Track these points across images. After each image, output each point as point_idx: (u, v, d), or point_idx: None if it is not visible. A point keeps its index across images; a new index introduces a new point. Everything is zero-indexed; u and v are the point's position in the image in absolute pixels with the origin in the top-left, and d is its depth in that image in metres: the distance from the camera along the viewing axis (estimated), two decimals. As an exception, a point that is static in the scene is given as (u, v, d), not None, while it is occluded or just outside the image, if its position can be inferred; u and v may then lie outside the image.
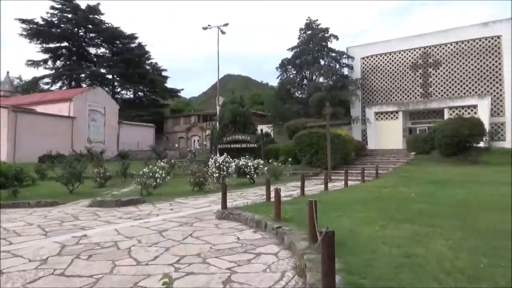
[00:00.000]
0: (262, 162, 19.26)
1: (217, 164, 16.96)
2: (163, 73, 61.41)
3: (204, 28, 27.98)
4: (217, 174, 16.88)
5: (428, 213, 8.59)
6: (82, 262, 5.73)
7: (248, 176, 18.51)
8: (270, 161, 20.84)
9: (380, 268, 4.55)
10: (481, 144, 24.31)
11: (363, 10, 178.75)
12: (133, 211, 10.93)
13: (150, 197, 13.77)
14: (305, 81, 45.49)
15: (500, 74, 36.34)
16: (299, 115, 39.11)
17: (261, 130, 30.53)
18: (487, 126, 24.86)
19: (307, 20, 44.76)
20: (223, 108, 26.94)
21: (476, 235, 6.33)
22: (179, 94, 64.35)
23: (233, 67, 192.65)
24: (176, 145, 42.46)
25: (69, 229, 8.31)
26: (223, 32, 28.48)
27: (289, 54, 44.63)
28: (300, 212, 8.55)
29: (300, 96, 45.99)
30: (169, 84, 61.46)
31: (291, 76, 45.64)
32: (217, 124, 27.54)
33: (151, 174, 14.03)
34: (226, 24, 28.01)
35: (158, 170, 14.27)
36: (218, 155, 26.70)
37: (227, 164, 17.25)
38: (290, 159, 22.88)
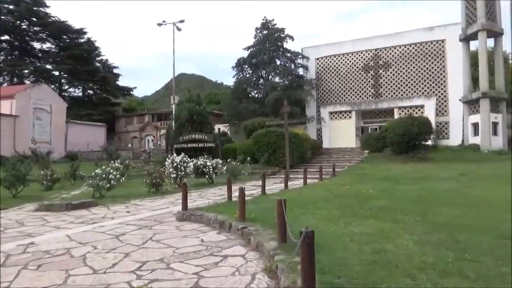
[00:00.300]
0: (220, 161, 18.94)
1: (174, 164, 16.42)
2: (115, 71, 59.09)
3: (159, 25, 27.08)
4: (174, 175, 16.35)
5: (389, 209, 8.77)
6: (31, 273, 5.18)
7: (206, 176, 18.13)
8: (228, 160, 20.56)
9: (353, 266, 4.47)
10: (429, 142, 25.52)
11: (317, 12, 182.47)
12: (85, 214, 10.25)
13: (103, 199, 13.04)
14: (261, 81, 45.64)
15: (444, 76, 38.40)
16: (256, 114, 39.16)
17: (219, 129, 30.15)
18: (433, 125, 26.12)
19: (263, 19, 44.86)
20: (179, 107, 26.26)
21: (438, 230, 6.49)
22: (131, 92, 62.26)
23: (188, 66, 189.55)
24: (129, 145, 40.97)
25: (13, 237, 7.58)
26: (178, 29, 27.76)
27: (245, 53, 44.57)
28: (265, 211, 8.40)
29: (256, 95, 46.09)
30: (121, 82, 59.27)
31: (247, 75, 45.57)
32: (173, 123, 26.79)
33: (104, 176, 13.27)
34: (182, 21, 27.29)
35: (111, 171, 13.53)
36: (174, 154, 26.07)
37: (185, 164, 16.76)
38: (248, 158, 22.73)
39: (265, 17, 45.02)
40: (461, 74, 33.70)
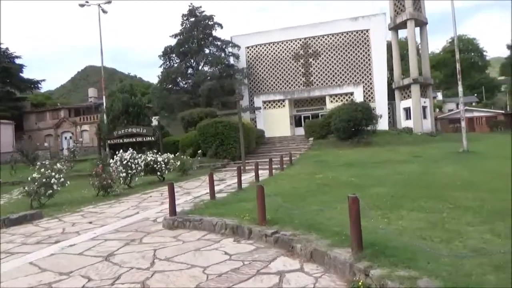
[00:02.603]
0: (172, 156, 17.11)
1: (124, 162, 14.27)
2: (17, 61, 51.84)
3: (82, 5, 23.68)
4: (124, 174, 14.23)
5: (404, 197, 8.14)
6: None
7: (158, 173, 16.21)
8: (177, 154, 18.74)
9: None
10: (369, 127, 26.23)
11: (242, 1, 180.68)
12: (36, 231, 8.07)
13: (46, 209, 10.67)
14: (190, 70, 43.45)
15: (369, 64, 40.03)
16: (188, 105, 37.15)
17: (158, 121, 27.76)
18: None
19: (190, 6, 42.54)
20: (111, 98, 23.43)
21: (492, 216, 5.96)
22: (39, 85, 55.31)
23: (95, 58, 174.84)
24: (45, 144, 36.20)
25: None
26: (104, 11, 24.63)
27: (165, 43, 41.95)
28: (277, 211, 7.22)
29: (185, 85, 43.79)
30: (25, 75, 52.19)
31: (175, 65, 43.01)
32: (105, 117, 23.87)
33: (45, 180, 10.85)
34: (109, 2, 24.13)
35: (53, 174, 11.14)
36: (108, 151, 23.35)
37: (136, 161, 14.70)
38: (199, 151, 21.06)
39: (191, 3, 42.68)
40: (384, 62, 35.36)
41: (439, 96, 64.16)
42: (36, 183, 10.80)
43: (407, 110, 30.42)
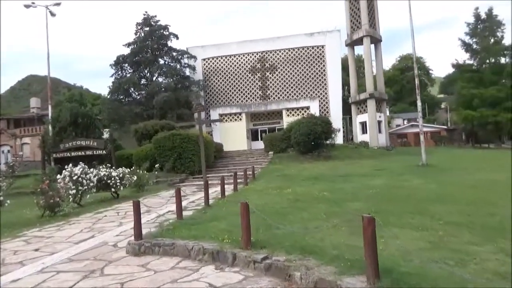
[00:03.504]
0: (127, 171, 15.81)
1: (74, 177, 12.84)
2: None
3: (27, 7, 21.69)
4: (74, 191, 12.79)
5: (393, 213, 7.75)
6: None
7: (113, 189, 14.86)
8: (132, 168, 17.42)
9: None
10: (328, 141, 26.32)
11: (202, 11, 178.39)
12: (-32, 262, 6.69)
13: (-21, 233, 9.14)
14: (143, 81, 41.81)
15: (325, 79, 40.77)
16: (142, 117, 35.56)
17: (111, 133, 25.99)
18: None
19: (144, 15, 41.19)
20: (58, 108, 21.55)
21: (493, 233, 5.64)
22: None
23: (37, 67, 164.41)
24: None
25: None
26: (52, 14, 22.77)
27: (115, 53, 40.17)
28: (259, 231, 6.48)
29: (138, 97, 42.00)
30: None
31: (128, 75, 41.19)
32: (50, 128, 21.89)
33: (-22, 199, 9.33)
34: (58, 4, 22.33)
35: (-10, 192, 9.64)
36: (53, 165, 21.38)
37: (87, 176, 13.32)
38: (157, 165, 19.80)
39: (146, 12, 41.37)
40: (339, 78, 36.20)
41: (387, 111, 67.12)
42: (-32, 203, 9.24)
43: (363, 124, 31.09)
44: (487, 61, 38.10)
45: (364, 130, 31.00)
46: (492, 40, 37.55)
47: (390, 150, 27.72)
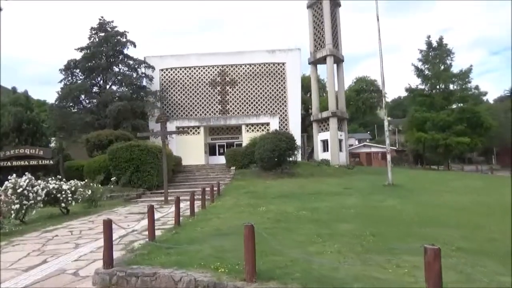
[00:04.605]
0: (80, 184, 14.19)
1: (19, 190, 11.13)
2: None
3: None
4: (18, 205, 11.06)
5: (389, 236, 7.17)
6: None
7: (63, 205, 13.19)
8: (85, 181, 15.74)
9: None
10: (291, 158, 25.89)
11: (162, 21, 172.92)
12: None
13: None
14: (95, 89, 39.43)
15: (285, 96, 40.80)
16: (92, 127, 33.29)
17: (61, 142, 23.71)
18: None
19: (100, 19, 39.18)
20: (1, 111, 19.26)
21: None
22: None
23: None
24: None
25: None
26: (-2, 9, 20.57)
27: (63, 58, 37.75)
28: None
29: (88, 105, 39.46)
30: None
31: (79, 81, 38.64)
32: (-11, 134, 19.50)
33: None
34: (6, -2, 20.15)
35: None
36: (13, 175, 18.96)
37: (34, 188, 11.64)
38: (113, 178, 18.12)
39: (102, 17, 39.38)
40: (298, 95, 36.45)
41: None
42: None
43: (325, 142, 31.17)
44: (437, 86, 40.14)
45: (325, 148, 31.06)
46: (442, 67, 39.69)
47: (351, 169, 27.84)
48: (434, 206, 11.80)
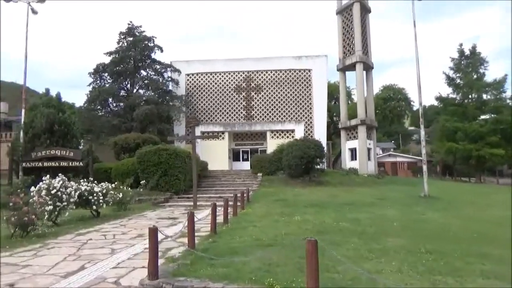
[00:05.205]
0: (111, 186, 14.07)
1: (53, 191, 11.04)
2: None
3: (7, 1, 19.77)
4: (51, 207, 10.95)
5: (437, 252, 6.59)
6: None
7: (94, 207, 13.05)
8: (115, 184, 15.63)
9: None
10: (319, 166, 25.32)
11: (189, 26, 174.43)
12: None
13: None
14: (122, 92, 39.91)
15: (311, 103, 40.25)
16: (119, 130, 33.63)
17: (90, 144, 23.89)
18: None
19: (129, 24, 39.80)
20: (33, 113, 19.48)
21: None
22: None
23: (4, 73, 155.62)
24: None
25: None
26: (34, 12, 20.93)
27: (91, 62, 38.36)
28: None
29: (115, 108, 39.97)
30: None
31: (107, 85, 39.22)
32: (21, 134, 19.75)
33: None
34: (42, 0, 20.44)
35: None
36: (21, 175, 19.20)
37: (67, 190, 11.53)
38: (142, 182, 18.02)
39: (131, 21, 39.99)
40: (324, 102, 35.89)
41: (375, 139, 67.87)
42: None
43: (353, 151, 30.42)
44: (470, 96, 38.83)
45: (353, 157, 30.30)
46: (475, 76, 38.39)
47: (381, 179, 27.02)
48: (483, 221, 11.07)
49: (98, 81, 39.08)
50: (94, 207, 13.04)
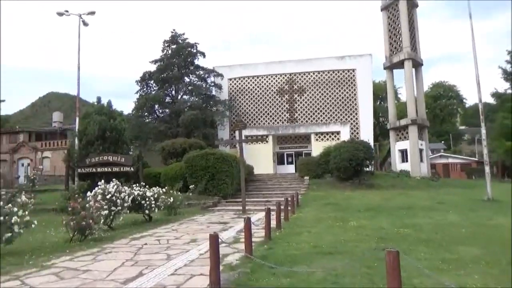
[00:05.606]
0: (162, 191, 14.20)
1: (108, 196, 11.26)
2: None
3: (60, 14, 20.86)
4: (106, 211, 11.15)
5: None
6: None
7: (147, 211, 13.22)
8: (166, 188, 15.79)
9: None
10: (368, 168, 24.45)
11: (230, 31, 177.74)
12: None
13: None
14: (167, 99, 40.90)
15: (356, 104, 39.15)
16: (166, 135, 34.44)
17: (140, 150, 24.60)
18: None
19: (172, 32, 40.75)
20: (86, 121, 20.28)
21: None
22: (-3, 106, 50.45)
23: (59, 85, 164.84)
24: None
25: None
26: (85, 24, 21.93)
27: (135, 72, 39.52)
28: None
29: (161, 114, 41.02)
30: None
31: (153, 92, 40.35)
32: (76, 142, 20.60)
33: (1, 218, 7.76)
34: (92, 12, 21.41)
35: (16, 210, 8.06)
36: (77, 181, 19.97)
37: (121, 195, 11.72)
38: (192, 186, 18.18)
39: (174, 29, 40.94)
40: (370, 102, 34.71)
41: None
42: (-12, 224, 7.67)
43: (403, 152, 29.12)
44: (530, 91, 36.17)
45: (404, 159, 28.98)
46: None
47: (436, 181, 25.57)
48: None
49: (144, 89, 40.39)
50: (147, 211, 13.22)
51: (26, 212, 8.35)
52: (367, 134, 35.77)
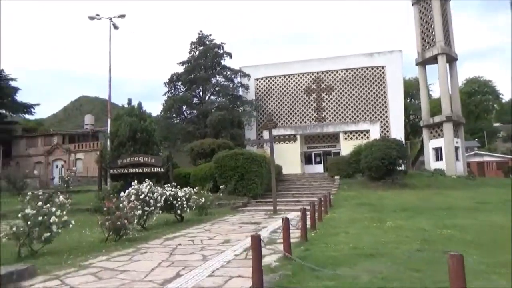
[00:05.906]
0: (193, 191, 14.18)
1: (141, 196, 11.31)
2: (11, 83, 49.00)
3: (91, 18, 21.38)
4: (140, 211, 11.19)
5: None
6: None
7: (179, 212, 13.22)
8: (196, 188, 15.80)
9: None
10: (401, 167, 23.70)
11: (256, 30, 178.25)
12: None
13: (39, 259, 7.65)
14: (195, 100, 41.19)
15: (385, 102, 38.17)
16: (194, 136, 34.67)
17: (170, 151, 24.86)
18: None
19: (199, 33, 40.99)
20: (118, 122, 20.62)
21: None
22: (33, 110, 52.17)
23: (89, 88, 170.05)
24: (35, 172, 32.80)
25: None
26: (115, 27, 22.38)
27: (161, 75, 39.83)
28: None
29: (189, 115, 41.36)
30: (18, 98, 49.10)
31: (181, 93, 40.74)
32: (108, 143, 20.99)
33: (41, 219, 7.86)
34: (123, 16, 21.82)
35: (54, 210, 8.16)
36: (110, 181, 20.33)
37: (154, 195, 11.75)
38: (222, 186, 18.16)
39: (201, 31, 41.19)
40: (401, 100, 33.72)
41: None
42: (29, 222, 7.78)
43: (438, 150, 28.11)
44: None
45: (438, 157, 27.98)
46: None
47: (473, 180, 24.52)
48: None
49: (172, 90, 40.81)
50: (179, 211, 13.22)
51: (64, 212, 8.44)
52: (398, 132, 34.79)
